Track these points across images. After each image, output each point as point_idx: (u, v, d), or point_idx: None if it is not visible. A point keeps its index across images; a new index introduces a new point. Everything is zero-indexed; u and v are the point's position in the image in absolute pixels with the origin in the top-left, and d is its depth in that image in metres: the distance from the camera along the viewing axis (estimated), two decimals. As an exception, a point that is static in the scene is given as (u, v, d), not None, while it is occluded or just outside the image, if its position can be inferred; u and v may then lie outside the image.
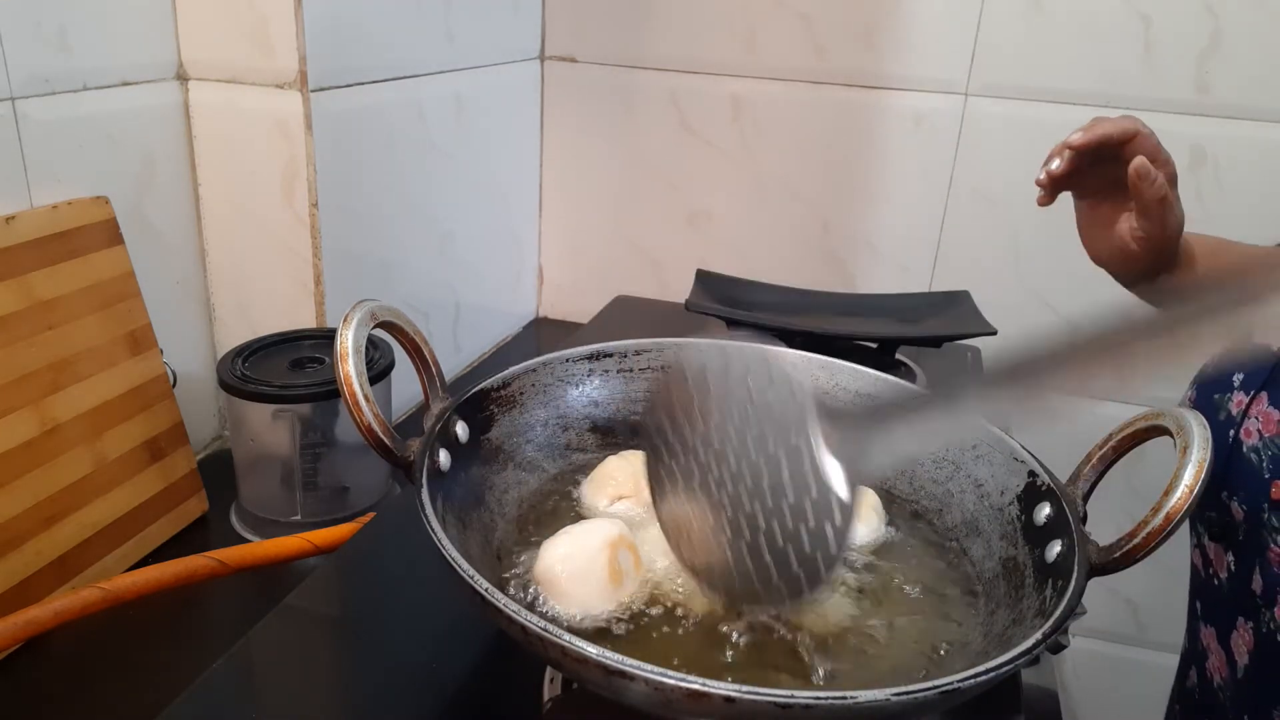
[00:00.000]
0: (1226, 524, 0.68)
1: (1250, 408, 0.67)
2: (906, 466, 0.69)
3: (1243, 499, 0.66)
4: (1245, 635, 0.68)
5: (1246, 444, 0.66)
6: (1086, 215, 0.76)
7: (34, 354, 0.74)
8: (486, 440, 0.65)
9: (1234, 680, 0.70)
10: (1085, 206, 0.76)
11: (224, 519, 0.89)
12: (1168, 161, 0.70)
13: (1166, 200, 0.69)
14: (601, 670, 0.42)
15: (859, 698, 0.41)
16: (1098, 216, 0.75)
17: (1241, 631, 0.68)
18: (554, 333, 1.47)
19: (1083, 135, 0.69)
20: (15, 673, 0.69)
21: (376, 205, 1.03)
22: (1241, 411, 0.68)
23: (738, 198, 1.36)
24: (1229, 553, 0.69)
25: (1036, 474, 0.60)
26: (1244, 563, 0.68)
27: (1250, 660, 0.68)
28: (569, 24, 1.35)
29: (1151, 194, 0.68)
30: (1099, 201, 0.75)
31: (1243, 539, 0.67)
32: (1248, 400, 0.68)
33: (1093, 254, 0.77)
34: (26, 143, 0.77)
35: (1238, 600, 0.69)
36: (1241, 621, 0.68)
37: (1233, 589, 0.69)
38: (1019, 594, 0.55)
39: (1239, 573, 0.68)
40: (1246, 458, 0.66)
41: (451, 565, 0.47)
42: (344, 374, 0.55)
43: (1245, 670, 0.68)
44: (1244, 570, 0.68)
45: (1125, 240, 0.73)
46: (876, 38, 1.24)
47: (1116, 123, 0.69)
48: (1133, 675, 1.40)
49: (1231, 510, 0.68)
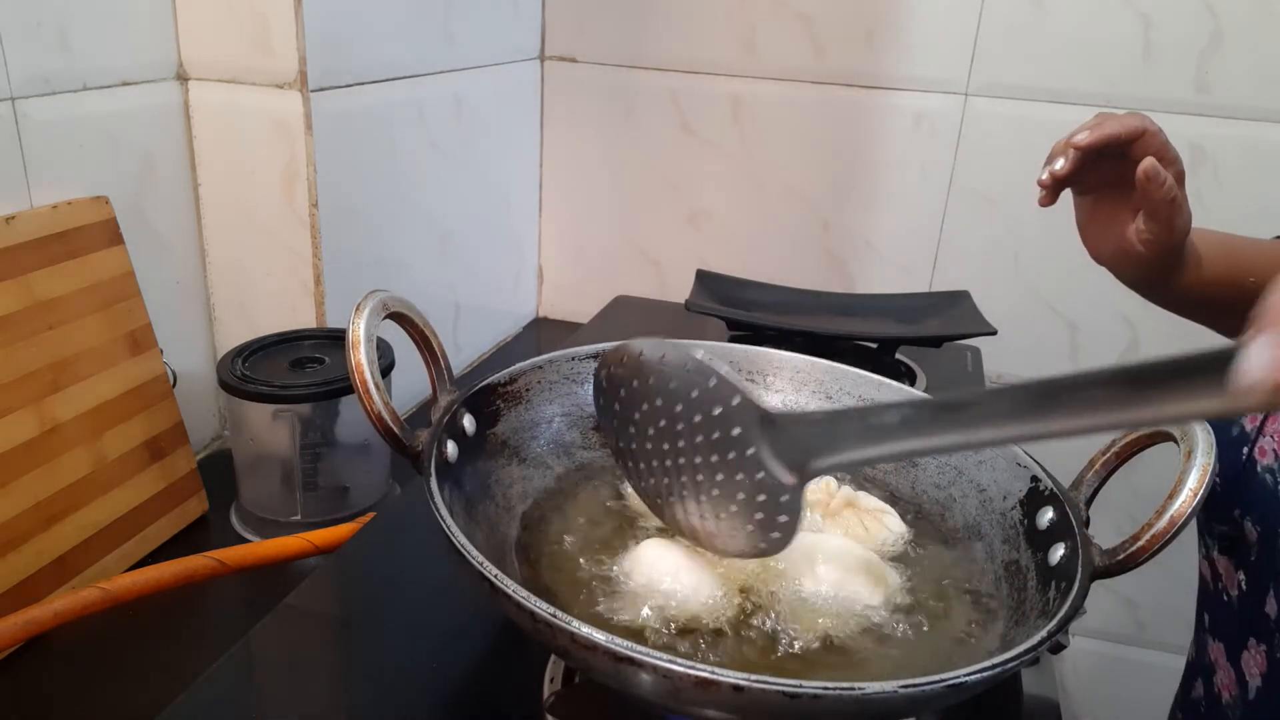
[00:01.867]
0: (1238, 541, 0.67)
1: (1265, 425, 0.65)
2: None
3: (1257, 519, 0.65)
4: (1258, 658, 0.66)
5: (1261, 463, 0.64)
6: (1087, 212, 0.72)
7: (34, 354, 0.73)
8: (492, 435, 0.65)
9: (1244, 700, 0.68)
10: (1086, 203, 0.72)
11: (224, 519, 0.89)
12: (1176, 160, 0.66)
13: (1176, 202, 0.65)
14: (610, 658, 0.42)
15: (866, 689, 0.41)
16: (1099, 213, 0.71)
17: (1254, 653, 0.67)
18: (554, 333, 1.47)
19: (1089, 134, 0.65)
20: (15, 673, 0.69)
21: (376, 205, 1.03)
22: (1256, 429, 0.66)
23: (738, 198, 1.36)
24: (1239, 571, 0.68)
25: (1039, 479, 0.60)
26: (1257, 584, 0.66)
27: (1264, 684, 0.66)
28: (569, 24, 1.35)
29: (1161, 196, 0.64)
30: (1100, 198, 0.71)
31: (1255, 559, 0.66)
32: (1262, 417, 0.66)
33: (1094, 253, 0.74)
34: (26, 143, 0.77)
35: (1250, 621, 0.67)
36: (1254, 643, 0.67)
37: (1244, 608, 0.68)
38: (1022, 596, 0.55)
39: (1251, 593, 0.67)
40: (1261, 478, 0.64)
41: (461, 552, 0.47)
42: (355, 362, 0.55)
43: (1258, 692, 0.67)
44: (1257, 591, 0.66)
45: (1131, 242, 0.69)
46: (876, 38, 1.24)
47: (1123, 121, 0.65)
48: (1132, 675, 1.40)
49: (1245, 529, 0.66)
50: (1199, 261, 0.72)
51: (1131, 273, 0.72)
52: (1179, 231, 0.67)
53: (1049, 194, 0.69)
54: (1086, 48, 1.17)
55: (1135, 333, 1.25)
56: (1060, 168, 0.66)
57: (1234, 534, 0.67)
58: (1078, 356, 1.30)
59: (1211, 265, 0.72)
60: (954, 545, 0.63)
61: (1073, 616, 0.48)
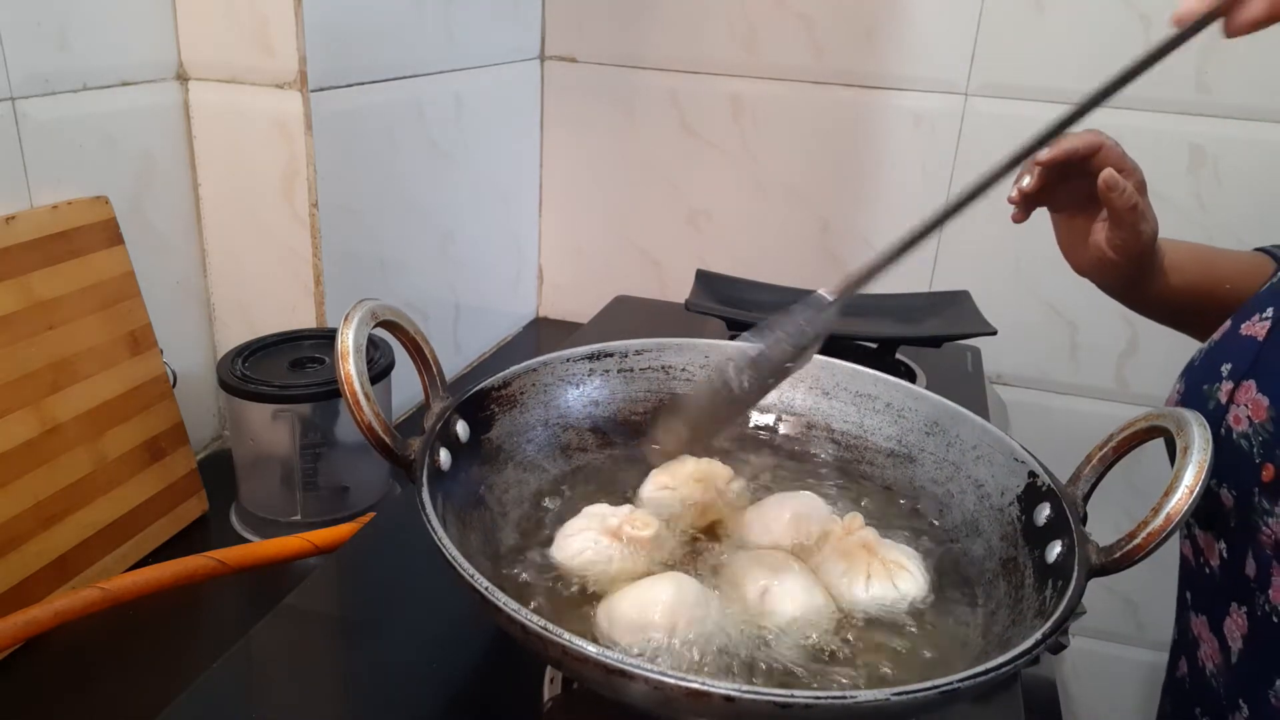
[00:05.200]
0: (1215, 511, 0.70)
1: (1236, 395, 0.69)
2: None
3: (1232, 485, 0.68)
4: (1239, 620, 0.69)
5: (1236, 430, 0.68)
6: (1064, 229, 0.78)
7: (34, 354, 0.74)
8: (487, 440, 0.65)
9: (1227, 666, 0.70)
10: (1061, 221, 0.78)
11: (224, 519, 0.89)
12: (1134, 170, 0.72)
13: (1137, 208, 0.71)
14: (601, 669, 0.42)
15: (859, 697, 0.41)
16: (1074, 229, 0.77)
17: (1235, 617, 0.69)
18: (554, 333, 1.47)
19: (1049, 151, 0.70)
20: (15, 673, 0.69)
21: (376, 205, 1.03)
22: (1228, 400, 0.69)
23: (738, 198, 1.36)
24: (1220, 540, 0.71)
25: (1036, 475, 0.60)
26: (1236, 549, 0.69)
27: (1244, 644, 0.68)
28: (569, 24, 1.35)
29: (1122, 203, 0.70)
30: (1073, 215, 0.77)
31: (1233, 525, 0.68)
32: (1232, 388, 0.69)
33: (1075, 266, 0.79)
34: (26, 143, 0.77)
35: (1231, 587, 0.69)
36: (1235, 607, 0.69)
37: (1225, 576, 0.70)
38: (1019, 594, 0.55)
39: (1231, 559, 0.69)
40: (1236, 444, 0.67)
41: (452, 564, 0.47)
42: (344, 373, 0.55)
43: (1239, 654, 0.69)
44: (1236, 556, 0.69)
45: (1103, 250, 0.74)
46: (876, 38, 1.24)
47: (1080, 137, 0.71)
48: (1132, 675, 1.40)
49: (1221, 497, 0.69)
50: (1170, 267, 0.78)
51: (1109, 279, 0.78)
52: (1146, 235, 0.73)
53: (1020, 210, 0.75)
54: (1086, 48, 1.17)
55: (1135, 331, 1.26)
56: (1027, 184, 0.73)
57: (1212, 506, 0.70)
58: (1078, 356, 1.30)
59: (1185, 272, 0.79)
60: (949, 543, 0.63)
61: (1069, 616, 0.48)
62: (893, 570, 0.58)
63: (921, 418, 0.70)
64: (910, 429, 0.71)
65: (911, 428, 0.71)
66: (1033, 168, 0.72)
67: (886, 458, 0.71)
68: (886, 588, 0.58)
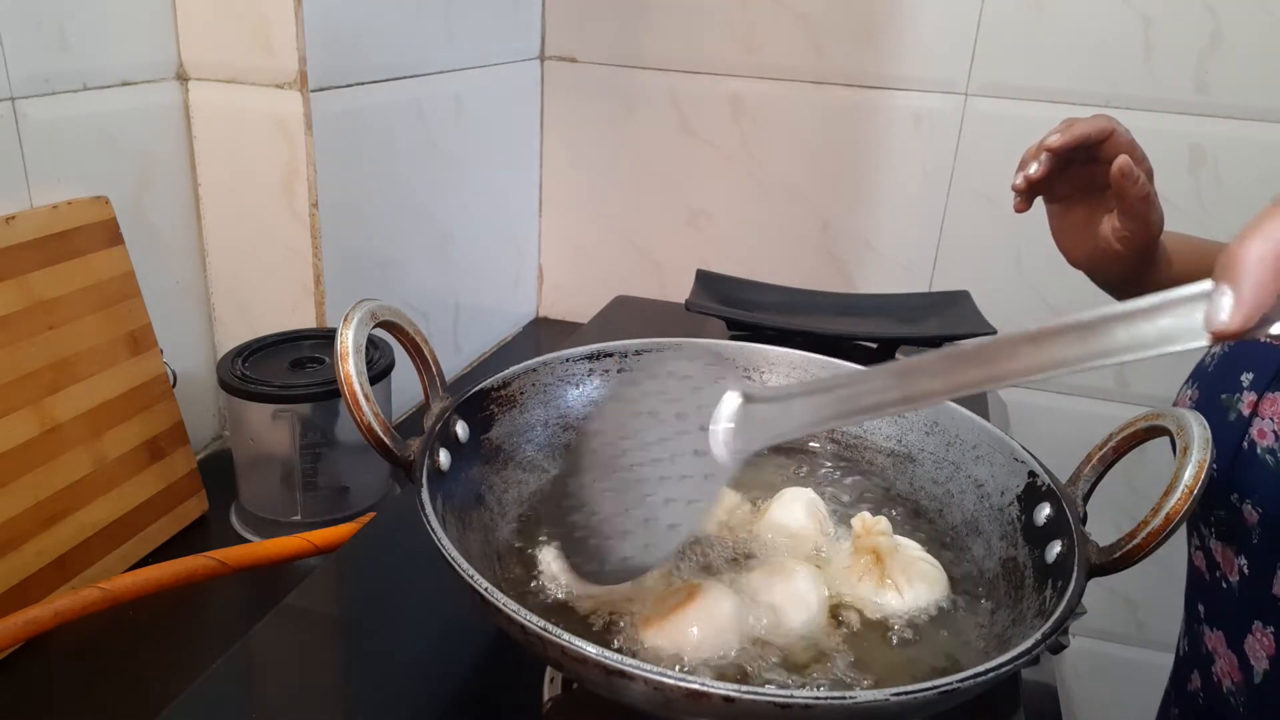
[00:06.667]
0: (1237, 526, 0.67)
1: (1261, 408, 0.66)
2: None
3: (1257, 501, 0.65)
4: (1264, 640, 0.66)
5: (1261, 445, 0.65)
6: (1060, 219, 0.75)
7: (34, 354, 0.74)
8: (486, 440, 0.65)
9: (1249, 686, 0.68)
10: (1058, 210, 0.75)
11: (224, 519, 0.89)
12: (1144, 158, 0.68)
13: (1150, 198, 0.68)
14: (601, 670, 0.42)
15: (858, 697, 0.41)
16: (1072, 218, 0.74)
17: (1259, 636, 0.67)
18: (554, 333, 1.47)
19: (1059, 137, 0.67)
20: (15, 673, 0.69)
21: (376, 205, 1.03)
22: (1251, 412, 0.66)
23: (738, 198, 1.36)
24: (1240, 556, 0.68)
25: (1036, 474, 0.60)
26: (1261, 565, 0.66)
27: (1271, 665, 0.66)
28: (569, 24, 1.35)
29: (1136, 192, 0.67)
30: (1072, 205, 0.73)
31: (1258, 542, 0.65)
32: (1256, 400, 0.66)
33: (1070, 258, 0.76)
34: (26, 143, 0.77)
35: (1253, 604, 0.67)
36: (1259, 626, 0.67)
37: (1246, 592, 0.68)
38: (1019, 594, 0.55)
39: (1254, 576, 0.67)
40: (1261, 459, 0.64)
41: (452, 564, 0.47)
42: (344, 374, 0.55)
43: (1265, 675, 0.66)
44: (1261, 573, 0.66)
45: (1108, 241, 0.71)
46: (876, 38, 1.24)
47: (1092, 122, 0.67)
48: (1132, 675, 1.40)
49: (1244, 513, 0.66)
50: (1170, 259, 0.74)
51: (1110, 272, 0.75)
52: (1154, 226, 0.69)
53: (1023, 199, 0.71)
54: (1086, 48, 1.17)
55: (1135, 332, 1.25)
56: (1035, 171, 0.68)
57: (1231, 519, 0.67)
58: (1078, 356, 1.29)
59: (1182, 264, 0.75)
60: (949, 543, 0.63)
61: (1069, 617, 0.48)
62: (909, 574, 0.58)
63: (921, 417, 0.70)
64: (910, 428, 0.71)
65: (911, 427, 0.71)
66: (1042, 154, 0.68)
67: (886, 457, 0.71)
68: (892, 597, 0.57)
